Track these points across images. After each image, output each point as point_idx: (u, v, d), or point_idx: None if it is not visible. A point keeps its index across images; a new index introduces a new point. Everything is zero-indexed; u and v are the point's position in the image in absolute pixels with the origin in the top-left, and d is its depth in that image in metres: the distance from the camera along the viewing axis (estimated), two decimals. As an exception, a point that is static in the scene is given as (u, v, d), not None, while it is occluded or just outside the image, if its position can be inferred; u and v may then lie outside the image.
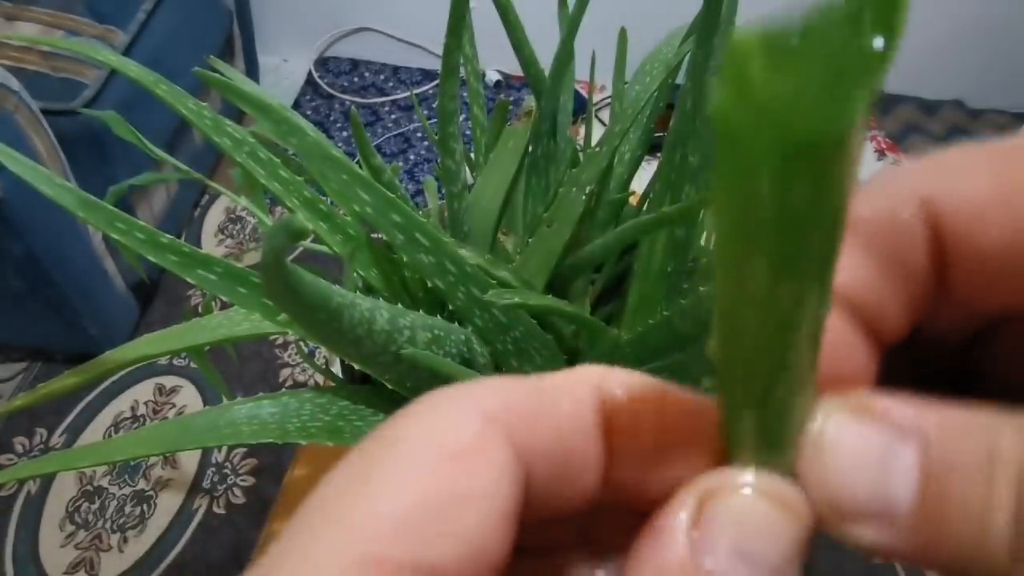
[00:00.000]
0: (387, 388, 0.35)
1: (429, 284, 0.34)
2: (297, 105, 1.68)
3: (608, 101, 1.27)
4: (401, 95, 1.70)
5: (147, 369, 1.18)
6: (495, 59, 1.53)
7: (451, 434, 0.11)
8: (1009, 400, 0.11)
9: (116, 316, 1.15)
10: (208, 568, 0.99)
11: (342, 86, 1.73)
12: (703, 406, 0.12)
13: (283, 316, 0.35)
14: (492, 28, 0.45)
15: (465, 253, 0.34)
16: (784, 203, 0.08)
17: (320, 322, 0.28)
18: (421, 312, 0.35)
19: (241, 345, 0.65)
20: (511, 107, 0.47)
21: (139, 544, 1.01)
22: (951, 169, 0.12)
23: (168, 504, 1.05)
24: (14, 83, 0.92)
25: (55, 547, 1.01)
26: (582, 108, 0.49)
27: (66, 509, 1.05)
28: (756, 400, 0.11)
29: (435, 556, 0.10)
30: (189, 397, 1.17)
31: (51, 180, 0.32)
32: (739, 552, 0.10)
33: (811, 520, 0.11)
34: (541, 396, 0.12)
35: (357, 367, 0.34)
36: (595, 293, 0.45)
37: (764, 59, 0.08)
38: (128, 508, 1.05)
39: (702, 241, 0.42)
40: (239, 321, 0.38)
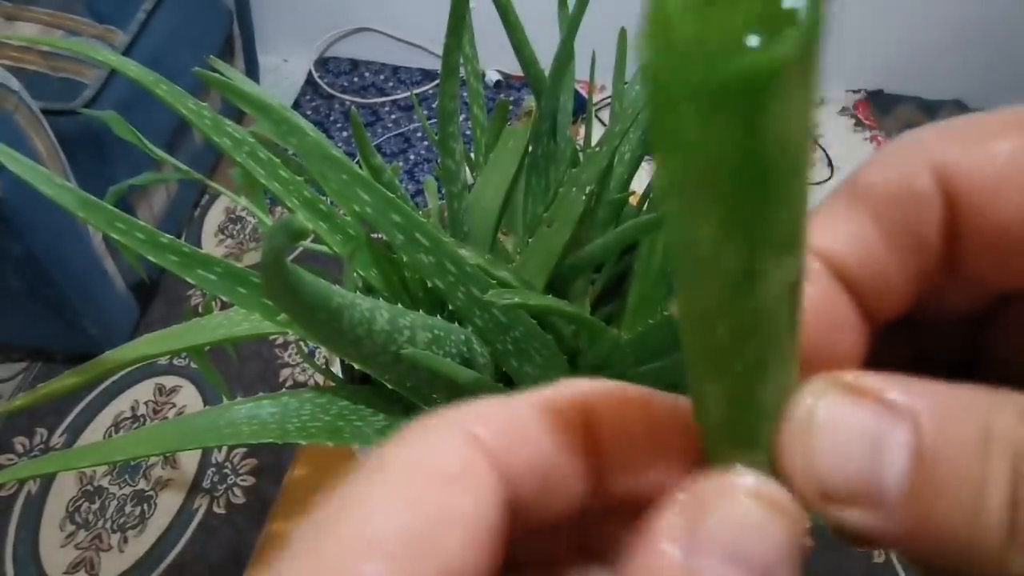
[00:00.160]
0: (387, 388, 0.35)
1: (429, 284, 0.34)
2: (297, 105, 1.68)
3: (608, 101, 1.27)
4: (401, 95, 1.70)
5: (147, 369, 1.18)
6: (495, 59, 1.53)
7: (436, 459, 0.11)
8: (1010, 386, 0.10)
9: (116, 316, 1.15)
10: (208, 568, 0.99)
11: (342, 86, 1.73)
12: (689, 409, 0.12)
13: (283, 316, 0.35)
14: (492, 28, 0.45)
15: (465, 253, 0.34)
16: (714, 152, 0.08)
17: (320, 322, 0.29)
18: (421, 312, 0.35)
19: (241, 345, 0.65)
20: (511, 107, 0.47)
21: (139, 544, 1.01)
22: (968, 139, 0.12)
23: (168, 504, 1.05)
24: (14, 83, 0.92)
25: (55, 547, 1.01)
26: (582, 108, 0.49)
27: (66, 509, 1.05)
28: (719, 370, 0.10)
29: None
30: (189, 397, 1.17)
31: (51, 180, 0.32)
32: (731, 554, 0.10)
33: (804, 519, 0.11)
34: (525, 416, 0.12)
35: (357, 367, 0.34)
36: (595, 293, 0.45)
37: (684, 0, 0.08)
38: (128, 508, 1.05)
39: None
40: (239, 321, 0.38)
